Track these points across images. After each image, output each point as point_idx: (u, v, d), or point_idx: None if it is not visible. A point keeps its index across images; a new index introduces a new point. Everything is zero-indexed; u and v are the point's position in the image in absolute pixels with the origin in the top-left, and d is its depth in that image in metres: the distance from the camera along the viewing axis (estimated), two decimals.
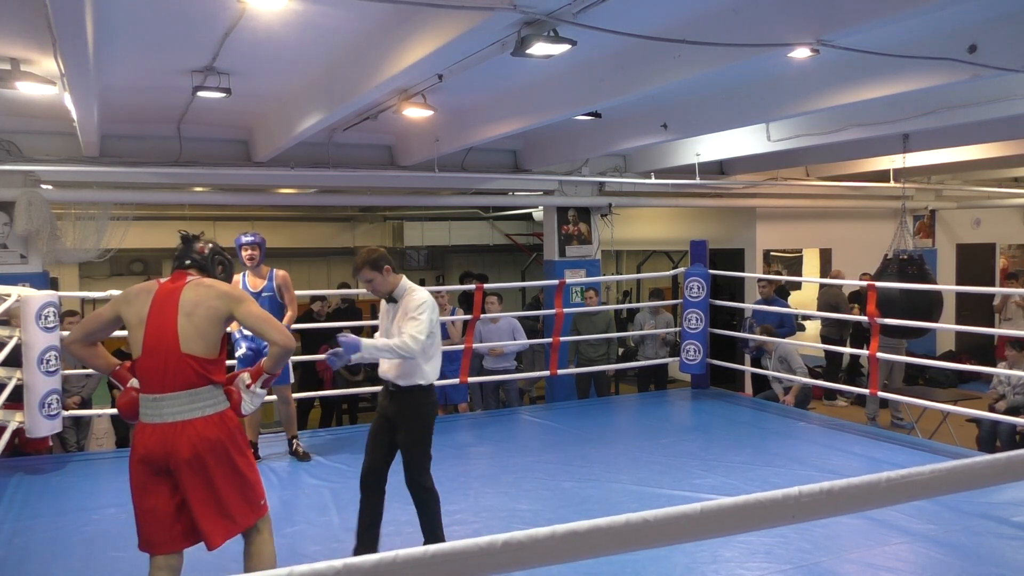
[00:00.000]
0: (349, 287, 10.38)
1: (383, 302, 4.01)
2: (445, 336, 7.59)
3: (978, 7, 4.31)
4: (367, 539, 3.90)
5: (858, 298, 9.62)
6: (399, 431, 3.86)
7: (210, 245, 3.40)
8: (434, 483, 3.92)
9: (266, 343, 3.33)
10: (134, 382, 3.10)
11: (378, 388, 4.20)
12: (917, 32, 4.67)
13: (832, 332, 9.74)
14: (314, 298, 8.52)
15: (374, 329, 4.14)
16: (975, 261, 12.97)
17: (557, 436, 6.66)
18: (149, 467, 2.93)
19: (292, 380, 5.75)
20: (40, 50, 4.80)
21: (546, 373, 7.86)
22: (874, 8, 3.73)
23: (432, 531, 3.95)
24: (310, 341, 7.92)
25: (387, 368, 3.89)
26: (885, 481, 1.63)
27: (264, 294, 5.63)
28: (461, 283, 10.81)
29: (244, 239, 5.73)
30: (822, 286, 10.16)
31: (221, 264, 3.42)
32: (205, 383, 2.97)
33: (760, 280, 8.67)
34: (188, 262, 3.26)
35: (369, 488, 3.93)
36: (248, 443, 3.18)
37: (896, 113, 6.53)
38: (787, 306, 8.66)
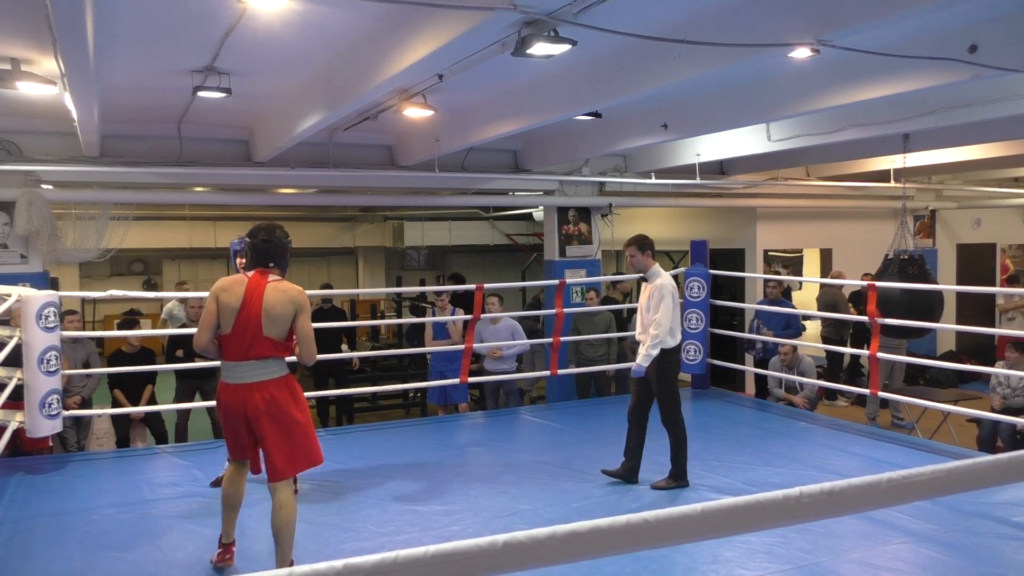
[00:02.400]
0: (331, 287, 10.40)
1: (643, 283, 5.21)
2: (445, 336, 7.59)
3: (978, 7, 4.31)
4: (634, 456, 5.17)
5: (858, 298, 9.62)
6: (652, 383, 5.05)
7: (284, 241, 3.91)
8: (684, 422, 5.10)
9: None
10: None
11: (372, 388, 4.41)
12: (917, 32, 4.67)
13: (832, 332, 9.74)
14: None
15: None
16: (976, 261, 12.97)
17: (557, 436, 6.66)
18: (228, 413, 3.74)
19: None
20: (40, 50, 4.80)
21: (546, 373, 7.86)
22: (874, 8, 3.73)
23: (678, 461, 5.08)
24: None
25: (639, 334, 5.15)
26: (886, 481, 1.63)
27: None
28: (439, 284, 10.82)
29: (236, 246, 5.16)
30: (822, 286, 10.16)
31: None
32: (273, 355, 3.71)
33: (768, 281, 8.67)
34: (271, 264, 3.83)
35: (633, 421, 5.20)
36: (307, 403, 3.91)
37: (896, 113, 6.53)
38: (793, 307, 8.67)
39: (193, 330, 7.40)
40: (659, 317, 4.96)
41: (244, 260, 5.11)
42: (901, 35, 4.74)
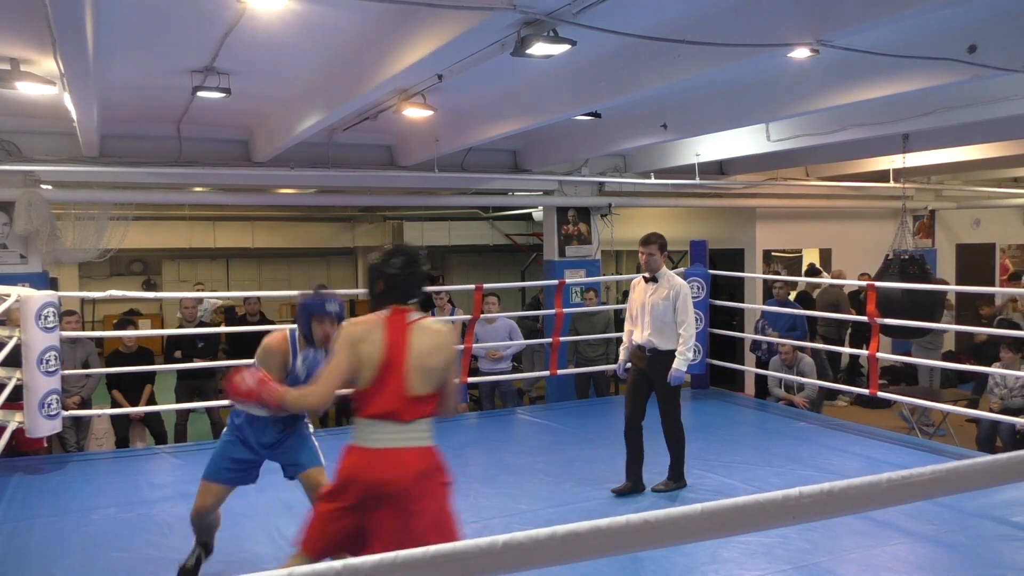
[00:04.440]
0: (325, 288, 10.39)
1: (638, 280, 5.17)
2: None
3: (978, 7, 4.31)
4: (636, 470, 5.02)
5: (856, 298, 9.62)
6: (656, 385, 4.97)
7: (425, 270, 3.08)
8: (682, 425, 5.05)
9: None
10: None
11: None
12: (917, 32, 4.67)
13: (831, 332, 9.74)
14: (245, 299, 8.57)
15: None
16: (975, 261, 12.97)
17: (557, 436, 6.66)
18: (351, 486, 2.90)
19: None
20: (40, 50, 4.79)
21: (546, 373, 7.86)
22: (874, 8, 3.73)
23: (678, 463, 5.06)
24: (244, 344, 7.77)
25: (648, 335, 4.97)
26: (885, 482, 1.63)
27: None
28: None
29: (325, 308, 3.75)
30: (822, 286, 10.16)
31: None
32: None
33: (776, 282, 8.66)
34: (413, 301, 3.01)
35: (630, 432, 5.03)
36: None
37: (896, 113, 6.53)
38: (799, 308, 8.66)
39: (188, 331, 7.52)
40: (689, 319, 4.95)
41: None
42: (901, 35, 4.74)
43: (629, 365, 5.15)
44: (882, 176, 9.80)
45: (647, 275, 5.11)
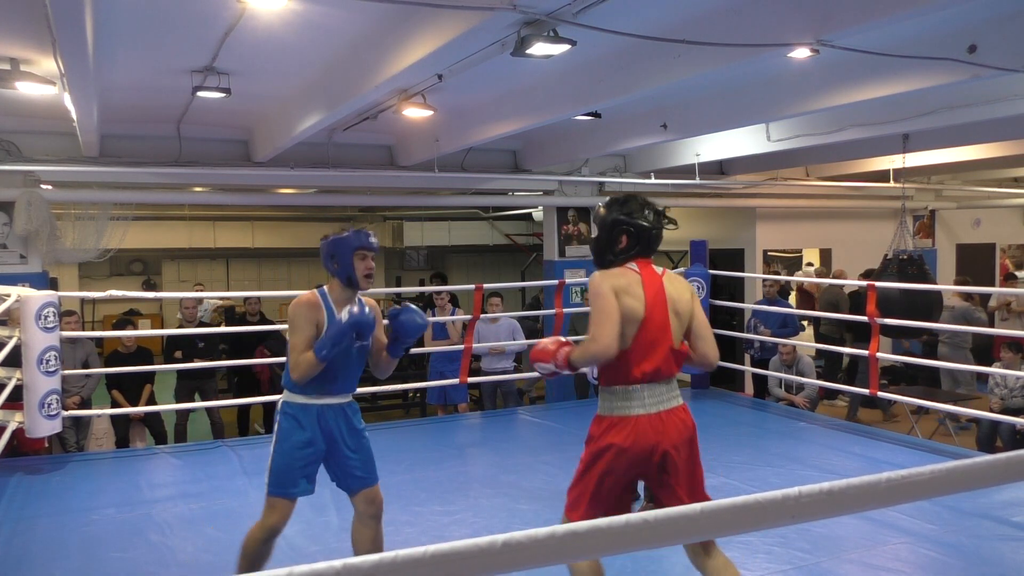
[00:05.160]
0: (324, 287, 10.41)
1: None
2: (445, 336, 7.59)
3: (978, 7, 4.31)
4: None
5: (857, 298, 9.61)
6: None
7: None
8: None
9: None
10: None
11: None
12: (917, 32, 4.67)
13: (832, 331, 9.74)
14: (246, 299, 8.59)
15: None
16: (975, 261, 12.97)
17: (557, 436, 6.66)
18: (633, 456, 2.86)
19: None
20: (40, 50, 4.79)
21: None
22: (874, 8, 3.73)
23: None
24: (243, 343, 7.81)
25: None
26: (885, 481, 1.62)
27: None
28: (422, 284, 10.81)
29: (371, 240, 3.38)
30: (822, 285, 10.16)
31: None
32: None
33: (765, 280, 8.67)
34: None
35: None
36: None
37: (896, 113, 6.53)
38: (789, 306, 8.66)
39: (187, 331, 7.52)
40: None
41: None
42: (900, 35, 4.74)
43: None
44: (882, 176, 9.80)
45: None
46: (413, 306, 3.35)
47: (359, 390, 3.55)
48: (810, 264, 11.88)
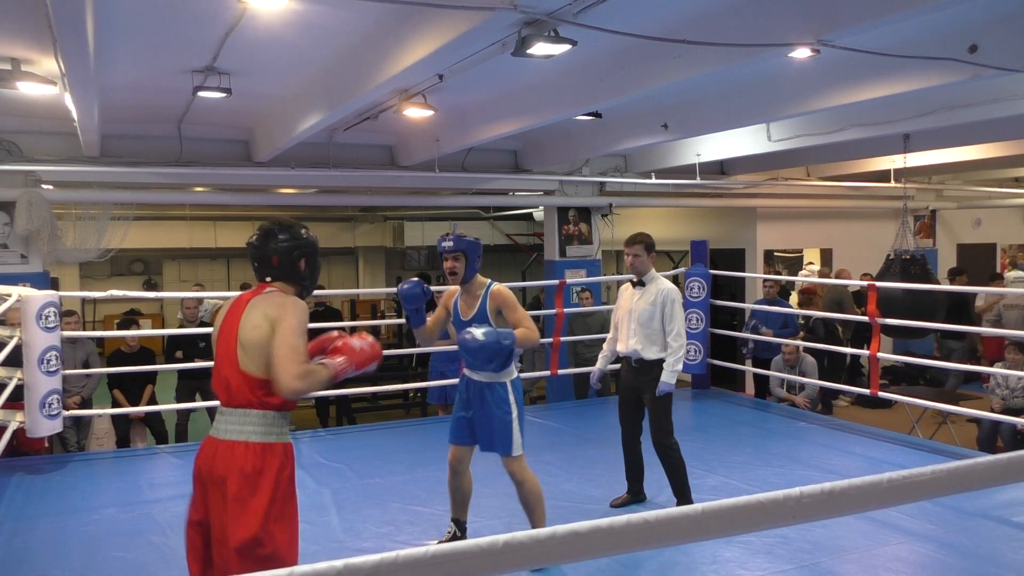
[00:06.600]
0: (323, 288, 10.38)
1: (626, 285, 4.79)
2: (445, 336, 7.57)
3: (978, 7, 4.31)
4: (633, 481, 4.82)
5: (858, 298, 9.61)
6: (644, 397, 4.60)
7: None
8: (678, 443, 4.58)
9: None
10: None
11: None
12: (917, 32, 4.67)
13: (835, 331, 9.72)
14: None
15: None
16: (976, 261, 12.97)
17: (557, 436, 6.66)
18: None
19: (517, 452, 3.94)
20: (41, 50, 4.80)
21: (546, 373, 7.86)
22: (874, 8, 3.73)
23: (680, 488, 4.58)
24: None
25: (632, 344, 4.61)
26: (886, 482, 1.63)
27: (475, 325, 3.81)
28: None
29: (443, 244, 3.93)
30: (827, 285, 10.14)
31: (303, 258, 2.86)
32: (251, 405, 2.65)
33: (765, 281, 8.67)
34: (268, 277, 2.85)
35: (627, 444, 4.80)
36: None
37: (896, 113, 6.53)
38: (790, 307, 8.66)
39: (190, 331, 7.51)
40: (677, 327, 4.50)
41: (453, 265, 3.90)
42: (901, 35, 4.74)
43: (599, 374, 4.90)
44: (883, 176, 9.80)
45: (634, 279, 4.69)
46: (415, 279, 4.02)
47: (359, 390, 3.72)
48: (811, 263, 11.88)
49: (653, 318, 4.54)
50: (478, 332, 3.65)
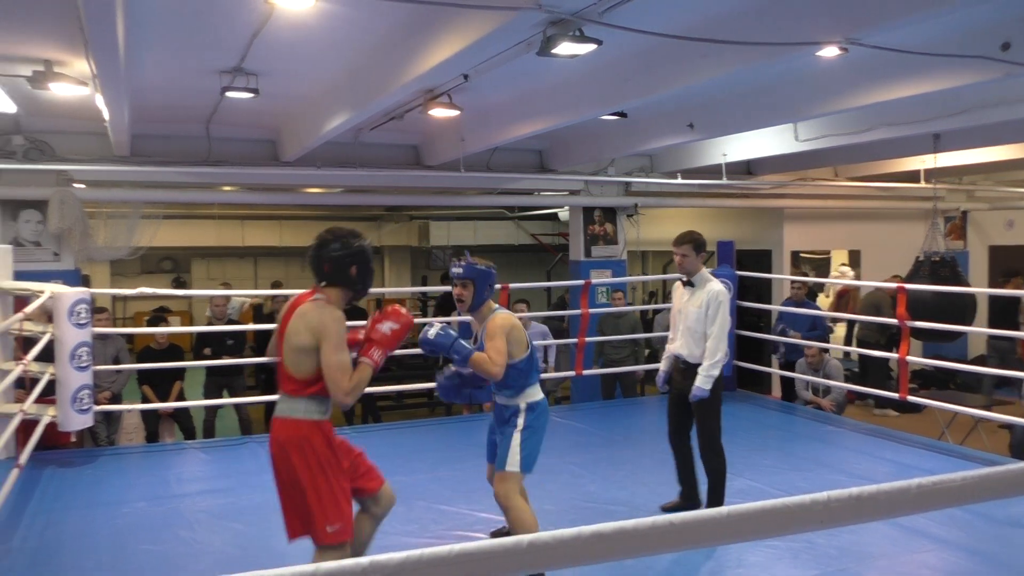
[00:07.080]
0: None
1: (677, 284, 4.71)
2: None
3: (1011, 4, 4.24)
4: (688, 482, 4.70)
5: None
6: (694, 405, 4.52)
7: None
8: (723, 449, 4.55)
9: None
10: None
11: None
12: (948, 29, 4.59)
13: (870, 336, 9.59)
14: (274, 297, 8.59)
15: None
16: (1008, 263, 12.73)
17: (582, 437, 6.64)
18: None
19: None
20: (72, 52, 4.87)
21: (571, 373, 7.85)
22: (904, 6, 3.68)
23: (716, 494, 4.54)
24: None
25: (679, 346, 4.58)
26: (916, 487, 1.60)
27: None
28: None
29: (453, 269, 3.86)
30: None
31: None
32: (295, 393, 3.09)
33: (794, 282, 8.59)
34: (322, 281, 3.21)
35: (676, 445, 4.73)
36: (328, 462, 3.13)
37: (927, 112, 6.43)
38: (818, 308, 8.56)
39: (218, 328, 7.59)
40: (717, 330, 4.38)
41: (460, 293, 3.84)
42: (931, 33, 4.66)
43: (664, 376, 4.83)
44: (913, 176, 9.66)
45: (683, 278, 4.62)
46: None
47: (384, 388, 3.76)
48: (844, 265, 11.72)
49: (700, 320, 4.46)
50: (431, 331, 3.64)
